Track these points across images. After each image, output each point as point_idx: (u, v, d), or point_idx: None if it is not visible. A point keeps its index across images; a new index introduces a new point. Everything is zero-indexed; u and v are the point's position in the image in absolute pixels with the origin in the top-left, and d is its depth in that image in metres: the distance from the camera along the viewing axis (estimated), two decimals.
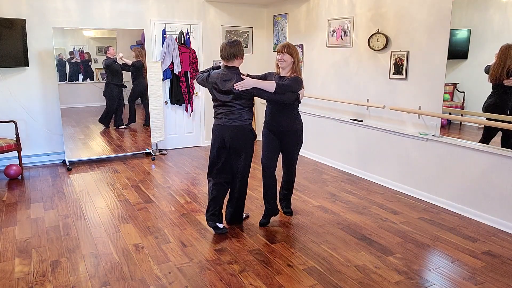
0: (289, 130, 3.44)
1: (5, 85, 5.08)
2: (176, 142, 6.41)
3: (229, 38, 3.20)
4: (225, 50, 3.11)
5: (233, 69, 3.15)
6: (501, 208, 3.53)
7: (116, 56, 5.38)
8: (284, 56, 3.34)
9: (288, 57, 3.34)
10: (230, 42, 3.13)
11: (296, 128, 3.46)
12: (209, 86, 3.22)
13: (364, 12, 4.74)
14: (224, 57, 3.14)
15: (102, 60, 5.43)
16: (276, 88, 3.14)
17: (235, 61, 3.14)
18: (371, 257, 3.00)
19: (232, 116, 3.17)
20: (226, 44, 3.12)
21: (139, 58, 5.58)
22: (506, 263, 2.93)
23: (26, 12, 5.04)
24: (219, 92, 3.16)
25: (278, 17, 6.37)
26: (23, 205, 3.98)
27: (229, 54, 3.10)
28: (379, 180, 4.74)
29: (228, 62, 3.15)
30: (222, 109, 3.20)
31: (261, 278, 2.71)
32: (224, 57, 3.13)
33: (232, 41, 3.13)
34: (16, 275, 2.73)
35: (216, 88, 3.16)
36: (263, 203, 4.09)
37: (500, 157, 3.50)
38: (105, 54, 5.38)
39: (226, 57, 3.12)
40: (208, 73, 3.24)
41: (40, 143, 5.41)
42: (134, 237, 3.30)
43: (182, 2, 6.02)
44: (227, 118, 3.18)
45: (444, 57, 3.88)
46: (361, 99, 4.89)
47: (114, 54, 5.38)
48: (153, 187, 4.56)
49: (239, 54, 3.13)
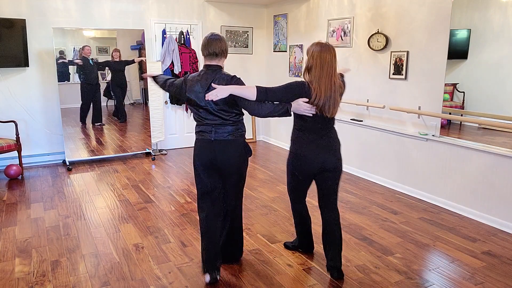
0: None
1: (5, 85, 5.08)
2: (176, 142, 6.41)
3: (211, 32, 2.68)
4: (212, 45, 2.57)
5: (214, 67, 2.60)
6: (501, 208, 3.53)
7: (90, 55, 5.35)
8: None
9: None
10: (215, 36, 2.62)
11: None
12: (189, 94, 2.60)
13: (364, 12, 4.74)
14: (207, 54, 2.60)
15: (102, 60, 5.43)
16: (257, 94, 2.45)
17: (221, 59, 2.62)
18: (371, 257, 3.00)
19: (224, 128, 2.57)
20: (211, 39, 2.60)
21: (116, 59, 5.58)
22: (506, 263, 2.94)
23: (26, 12, 5.04)
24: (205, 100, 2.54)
25: (278, 17, 6.37)
26: (23, 205, 3.99)
27: (218, 50, 2.58)
28: (379, 180, 4.74)
29: (212, 60, 2.60)
30: (209, 120, 2.58)
31: (261, 278, 2.71)
32: (209, 54, 2.59)
33: (217, 35, 2.63)
34: (16, 275, 2.73)
35: (199, 93, 2.55)
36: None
37: (500, 157, 3.50)
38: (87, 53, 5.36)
39: (212, 53, 2.58)
40: (184, 78, 2.68)
41: (40, 143, 5.41)
42: (134, 237, 3.30)
43: (182, 2, 6.02)
44: (220, 131, 2.57)
45: (444, 57, 3.88)
46: (361, 99, 4.89)
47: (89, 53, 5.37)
48: (153, 187, 4.56)
49: (226, 50, 2.63)
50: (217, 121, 2.57)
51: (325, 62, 2.48)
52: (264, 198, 4.18)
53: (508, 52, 3.51)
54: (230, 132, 2.59)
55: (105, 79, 5.57)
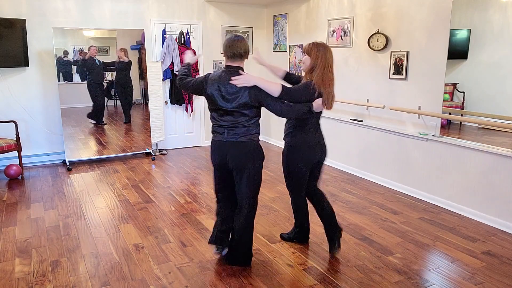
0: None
1: (5, 85, 5.08)
2: (176, 142, 6.41)
3: (233, 33, 2.67)
4: (236, 46, 2.55)
5: (236, 68, 2.62)
6: (501, 208, 3.53)
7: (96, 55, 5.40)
8: (304, 58, 2.78)
9: (306, 59, 2.75)
10: (237, 37, 2.59)
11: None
12: (209, 92, 2.63)
13: (364, 12, 4.74)
14: (231, 55, 2.58)
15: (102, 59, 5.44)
16: (281, 92, 2.56)
17: (243, 60, 2.63)
18: (371, 257, 3.00)
19: (238, 130, 2.60)
20: (234, 40, 2.57)
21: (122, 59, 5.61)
22: (506, 263, 2.94)
23: (26, 12, 5.04)
24: (223, 99, 2.58)
25: (278, 17, 6.38)
26: (23, 205, 3.99)
27: (242, 51, 2.58)
28: (379, 180, 4.74)
29: (234, 61, 2.61)
30: (224, 121, 2.61)
31: (261, 278, 2.71)
32: (232, 55, 2.58)
33: (241, 36, 2.61)
34: (16, 275, 2.73)
35: (220, 93, 2.59)
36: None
37: (500, 157, 3.50)
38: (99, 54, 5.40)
39: (236, 54, 2.58)
40: (205, 76, 2.68)
41: (40, 143, 5.41)
42: (134, 237, 3.30)
43: (182, 2, 6.02)
44: (232, 132, 2.60)
45: (444, 57, 3.88)
46: (361, 99, 4.89)
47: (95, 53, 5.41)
48: (153, 187, 4.56)
49: (249, 51, 2.63)
50: (231, 123, 2.61)
51: (328, 61, 2.70)
52: (264, 198, 4.18)
53: (508, 52, 3.51)
54: (242, 134, 2.61)
55: (105, 79, 5.59)
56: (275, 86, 2.55)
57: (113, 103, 5.77)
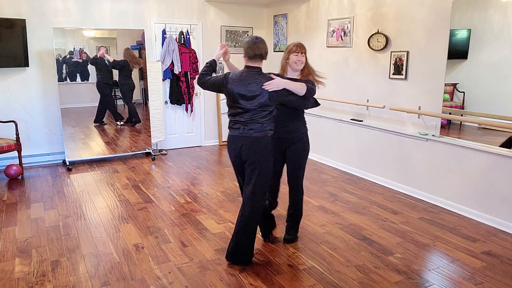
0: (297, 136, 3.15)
1: (5, 85, 5.09)
2: (176, 142, 6.41)
3: (253, 36, 2.77)
4: (257, 48, 2.69)
5: (256, 69, 2.75)
6: (501, 208, 3.53)
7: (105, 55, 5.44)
8: (302, 57, 3.03)
9: (304, 58, 3.05)
10: (258, 39, 2.72)
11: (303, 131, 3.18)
12: (230, 91, 2.75)
13: (364, 12, 4.74)
14: (253, 56, 2.71)
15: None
16: (306, 91, 2.80)
17: (263, 61, 2.77)
18: (371, 257, 3.00)
19: (252, 125, 2.72)
20: (256, 42, 2.70)
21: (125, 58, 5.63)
22: (505, 263, 2.94)
23: (26, 12, 5.04)
24: (242, 98, 2.70)
25: (278, 17, 6.37)
26: (23, 205, 3.99)
27: (264, 52, 2.72)
28: (379, 180, 4.74)
29: (255, 62, 2.74)
30: (241, 118, 2.74)
31: (261, 278, 2.71)
32: (253, 56, 2.71)
33: (261, 38, 2.75)
34: (16, 275, 2.73)
35: (240, 92, 2.71)
36: None
37: (500, 157, 3.50)
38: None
39: (258, 55, 2.71)
40: (225, 75, 2.79)
41: (40, 143, 5.41)
42: (134, 237, 3.30)
43: (182, 2, 6.02)
44: (247, 128, 2.73)
45: (444, 57, 3.88)
46: (361, 99, 4.89)
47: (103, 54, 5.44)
48: (153, 187, 4.56)
49: (267, 52, 2.78)
50: (246, 118, 2.73)
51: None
52: None
53: (508, 52, 3.51)
54: (257, 129, 2.73)
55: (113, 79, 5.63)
56: (302, 86, 2.79)
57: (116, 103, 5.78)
